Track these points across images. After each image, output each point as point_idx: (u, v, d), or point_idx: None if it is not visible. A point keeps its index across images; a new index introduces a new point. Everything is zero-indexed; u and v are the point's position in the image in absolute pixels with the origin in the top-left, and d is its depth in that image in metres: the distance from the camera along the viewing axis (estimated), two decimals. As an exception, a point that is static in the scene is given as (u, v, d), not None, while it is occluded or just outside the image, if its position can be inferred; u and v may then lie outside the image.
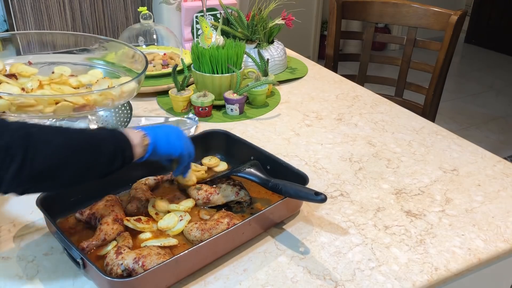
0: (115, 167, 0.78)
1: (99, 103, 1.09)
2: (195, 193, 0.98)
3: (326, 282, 0.81)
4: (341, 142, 1.24)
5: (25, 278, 0.81)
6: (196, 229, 0.87)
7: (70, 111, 1.07)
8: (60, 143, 0.71)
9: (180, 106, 1.36)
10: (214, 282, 0.81)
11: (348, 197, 1.03)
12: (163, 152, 0.87)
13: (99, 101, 1.09)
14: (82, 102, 1.06)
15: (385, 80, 1.99)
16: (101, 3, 1.82)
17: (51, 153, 0.69)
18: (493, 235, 0.93)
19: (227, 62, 1.38)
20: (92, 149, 0.75)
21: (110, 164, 0.77)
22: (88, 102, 1.07)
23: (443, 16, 1.76)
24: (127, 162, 0.80)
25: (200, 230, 0.87)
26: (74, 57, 1.33)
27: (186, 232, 0.88)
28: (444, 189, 1.07)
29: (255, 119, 1.36)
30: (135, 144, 0.81)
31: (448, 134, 1.30)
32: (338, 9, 1.93)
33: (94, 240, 0.85)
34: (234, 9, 1.63)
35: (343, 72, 1.82)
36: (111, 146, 0.77)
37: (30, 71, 1.18)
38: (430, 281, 0.82)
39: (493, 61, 4.55)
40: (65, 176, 0.72)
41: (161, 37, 1.68)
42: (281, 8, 1.71)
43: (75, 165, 0.72)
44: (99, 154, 0.75)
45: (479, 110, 3.60)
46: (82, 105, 1.07)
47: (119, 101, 1.13)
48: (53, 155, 0.69)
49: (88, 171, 0.75)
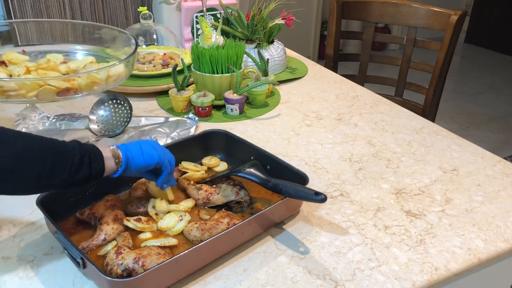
0: (80, 178, 0.76)
1: (84, 87, 1.07)
2: (195, 193, 0.98)
3: (326, 282, 0.81)
4: (341, 142, 1.24)
5: (25, 278, 0.81)
6: (196, 229, 0.87)
7: (54, 96, 1.05)
8: (20, 147, 0.70)
9: (180, 106, 1.36)
10: (214, 282, 0.81)
11: (348, 197, 1.03)
12: (138, 164, 0.84)
13: (83, 85, 1.07)
14: (65, 86, 1.04)
15: (385, 80, 1.99)
16: (101, 3, 1.82)
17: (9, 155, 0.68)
18: (493, 235, 0.93)
19: (227, 62, 1.38)
20: (55, 156, 0.72)
21: (75, 174, 0.75)
22: (73, 85, 1.05)
23: (443, 16, 1.76)
24: (96, 174, 0.78)
25: (200, 230, 0.87)
26: (70, 46, 1.34)
27: (186, 232, 0.88)
28: (444, 189, 1.07)
29: (255, 119, 1.36)
30: (105, 157, 0.78)
31: (448, 134, 1.30)
32: (338, 9, 1.93)
33: (94, 240, 0.85)
34: (234, 9, 1.63)
35: (343, 72, 1.82)
36: (78, 155, 0.75)
37: (21, 58, 1.18)
38: (430, 281, 0.82)
39: (493, 61, 4.55)
40: (21, 181, 0.70)
41: (161, 37, 1.68)
42: (281, 8, 1.71)
43: (36, 169, 0.71)
44: (62, 162, 0.73)
45: (479, 110, 3.60)
46: (65, 89, 1.05)
47: (106, 86, 1.11)
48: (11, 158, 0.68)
49: (49, 178, 0.72)
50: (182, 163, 1.07)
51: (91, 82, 1.08)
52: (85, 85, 1.07)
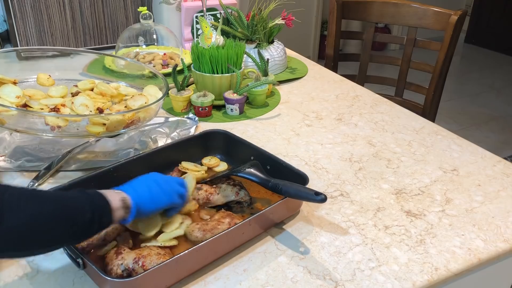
0: (91, 233, 0.75)
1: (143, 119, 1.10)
2: (195, 193, 0.98)
3: (326, 282, 0.81)
4: (341, 142, 1.24)
5: (25, 278, 0.81)
6: (198, 229, 0.87)
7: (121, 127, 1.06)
8: (32, 212, 0.66)
9: (180, 106, 1.36)
10: (214, 282, 0.81)
11: (348, 197, 1.03)
12: (148, 210, 0.82)
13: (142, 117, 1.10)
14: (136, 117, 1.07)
15: (385, 80, 1.99)
16: (101, 3, 1.82)
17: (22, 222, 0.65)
18: (493, 235, 0.93)
19: (227, 62, 1.38)
20: (66, 219, 0.70)
21: (86, 232, 0.73)
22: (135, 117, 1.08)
23: (443, 16, 1.76)
24: (104, 227, 0.76)
25: (202, 230, 0.87)
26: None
27: (188, 232, 0.88)
28: (444, 189, 1.07)
29: (255, 119, 1.36)
30: (114, 208, 0.75)
31: (448, 134, 1.30)
32: (338, 9, 1.93)
33: (94, 240, 0.85)
34: (234, 9, 1.63)
35: (343, 72, 1.82)
36: (88, 214, 0.72)
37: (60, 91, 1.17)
38: (430, 281, 0.82)
39: (493, 61, 4.54)
40: (34, 246, 0.68)
41: (161, 37, 1.68)
42: (281, 8, 1.71)
43: (47, 235, 0.68)
44: (73, 223, 0.70)
45: (479, 110, 3.60)
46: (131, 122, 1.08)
47: None
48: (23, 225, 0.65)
49: (62, 240, 0.71)
50: (182, 163, 1.07)
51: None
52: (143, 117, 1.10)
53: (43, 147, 1.17)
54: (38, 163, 1.10)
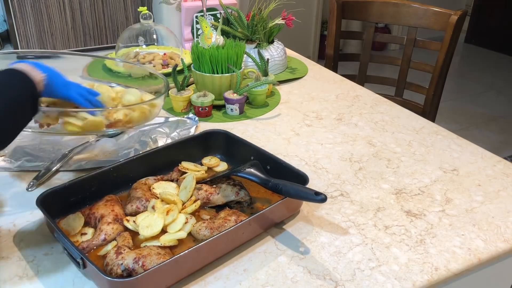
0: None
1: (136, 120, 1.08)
2: (195, 193, 0.98)
3: (326, 282, 0.81)
4: (341, 142, 1.24)
5: (25, 278, 0.81)
6: (205, 228, 0.87)
7: None
8: None
9: (180, 106, 1.36)
10: (214, 282, 0.81)
11: (348, 197, 1.03)
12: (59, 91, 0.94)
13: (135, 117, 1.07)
14: None
15: (385, 80, 1.99)
16: (101, 3, 1.82)
17: None
18: (493, 235, 0.93)
19: (227, 62, 1.38)
20: (15, 111, 0.81)
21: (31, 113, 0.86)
22: None
23: (443, 16, 1.76)
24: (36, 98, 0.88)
25: (209, 228, 0.87)
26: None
27: (194, 232, 0.88)
28: (444, 189, 1.07)
29: (255, 119, 1.36)
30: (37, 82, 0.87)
31: (448, 134, 1.30)
32: (338, 9, 1.93)
33: (94, 240, 0.85)
34: (234, 9, 1.63)
35: (343, 72, 1.82)
36: (29, 99, 0.85)
37: None
38: (430, 281, 0.82)
39: (493, 61, 4.55)
40: None
41: (161, 37, 1.68)
42: (281, 8, 1.71)
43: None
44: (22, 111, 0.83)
45: (479, 110, 3.60)
46: None
47: None
48: None
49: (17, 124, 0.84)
50: (182, 163, 1.07)
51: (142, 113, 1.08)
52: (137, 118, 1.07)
53: (43, 147, 1.16)
54: (38, 163, 1.10)
